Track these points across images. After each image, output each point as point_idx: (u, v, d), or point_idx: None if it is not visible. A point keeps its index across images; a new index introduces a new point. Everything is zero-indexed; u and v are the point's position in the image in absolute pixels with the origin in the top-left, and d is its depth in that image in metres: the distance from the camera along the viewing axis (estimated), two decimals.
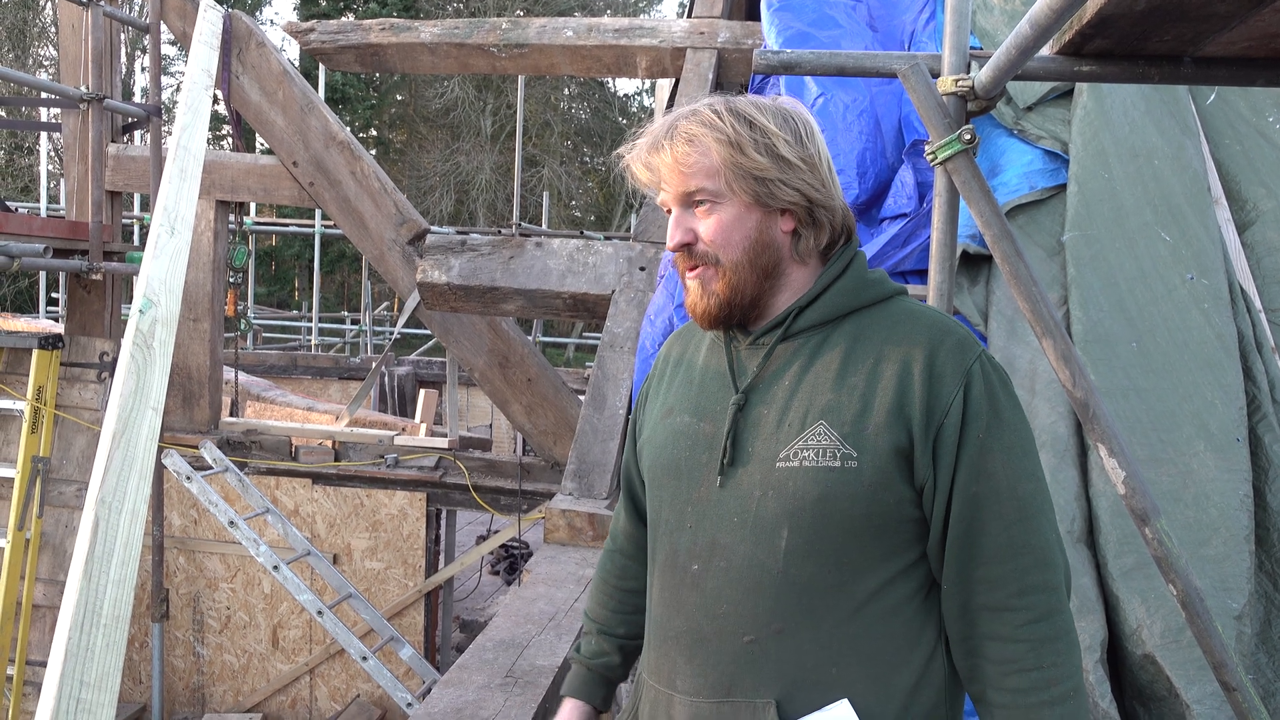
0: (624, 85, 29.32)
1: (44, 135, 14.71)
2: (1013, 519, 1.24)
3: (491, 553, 8.64)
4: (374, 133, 27.25)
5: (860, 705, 1.24)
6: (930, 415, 1.24)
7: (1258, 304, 3.23)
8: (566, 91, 27.92)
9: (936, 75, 2.06)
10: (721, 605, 1.28)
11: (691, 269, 1.34)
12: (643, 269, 4.12)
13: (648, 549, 1.44)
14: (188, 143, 3.61)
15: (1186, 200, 3.23)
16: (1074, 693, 1.23)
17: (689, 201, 1.32)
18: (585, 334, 17.93)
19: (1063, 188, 3.43)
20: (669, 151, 1.30)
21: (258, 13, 27.04)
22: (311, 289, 14.38)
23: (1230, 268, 3.21)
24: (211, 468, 5.61)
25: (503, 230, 4.65)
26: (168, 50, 22.14)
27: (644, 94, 28.69)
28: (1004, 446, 1.24)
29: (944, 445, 1.24)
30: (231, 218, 6.09)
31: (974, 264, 3.42)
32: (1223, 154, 3.49)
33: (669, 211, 1.36)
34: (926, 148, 2.03)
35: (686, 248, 1.33)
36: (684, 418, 1.38)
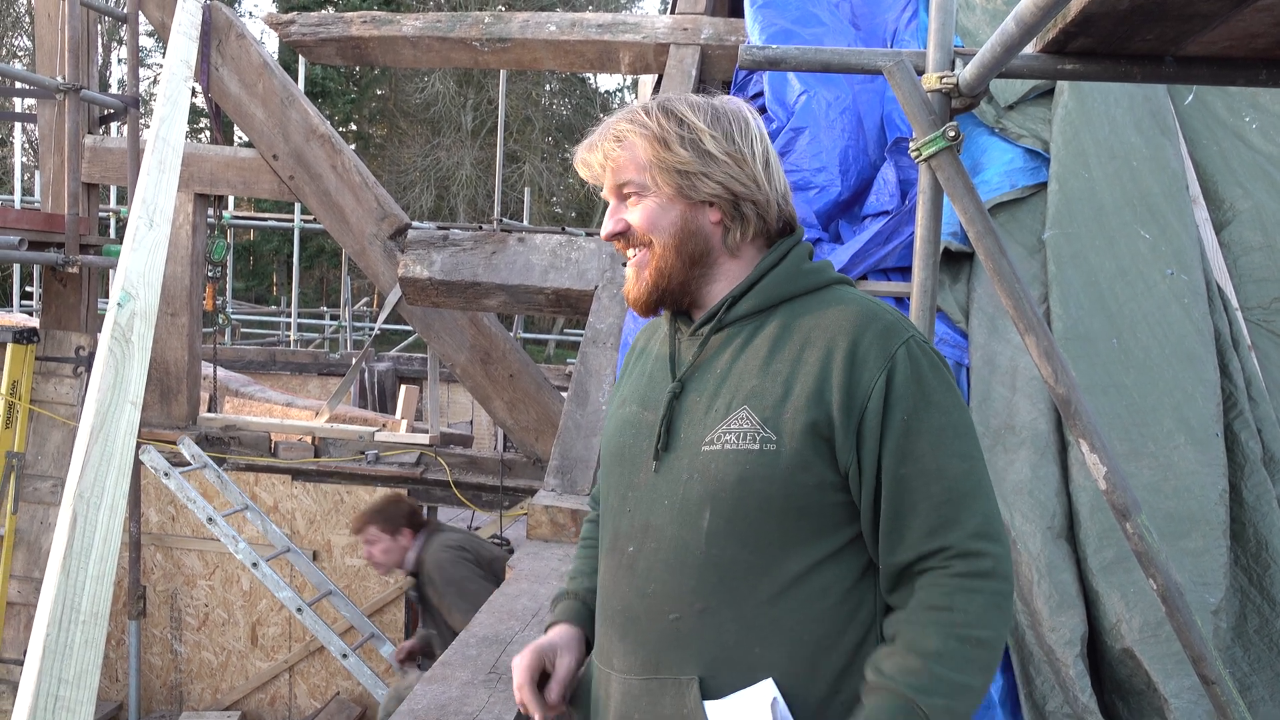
0: (605, 82, 29.28)
1: (18, 126, 14.53)
2: (941, 499, 1.24)
3: None
4: (354, 127, 27.09)
5: (785, 686, 1.25)
6: (851, 400, 1.25)
7: (1234, 302, 3.27)
8: (548, 87, 27.84)
9: (921, 72, 2.07)
10: (650, 585, 1.33)
11: (629, 255, 1.42)
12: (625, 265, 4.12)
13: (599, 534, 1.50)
14: (166, 134, 3.56)
15: (1165, 199, 3.26)
16: (980, 642, 1.22)
17: (620, 194, 1.41)
18: (566, 330, 17.91)
19: (1043, 186, 3.45)
20: (600, 149, 1.40)
21: (237, 4, 26.80)
22: (290, 284, 14.29)
23: (1208, 266, 3.25)
24: (190, 464, 5.57)
25: (484, 226, 4.63)
26: (145, 42, 21.90)
27: (626, 90, 28.66)
28: (932, 429, 1.25)
29: (867, 430, 1.25)
30: (210, 211, 6.03)
31: (955, 261, 3.44)
32: (1200, 154, 3.52)
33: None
34: (911, 144, 2.03)
35: (620, 235, 1.41)
36: (632, 407, 1.44)
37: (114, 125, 6.46)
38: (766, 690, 1.24)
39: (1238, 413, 2.97)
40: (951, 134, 1.93)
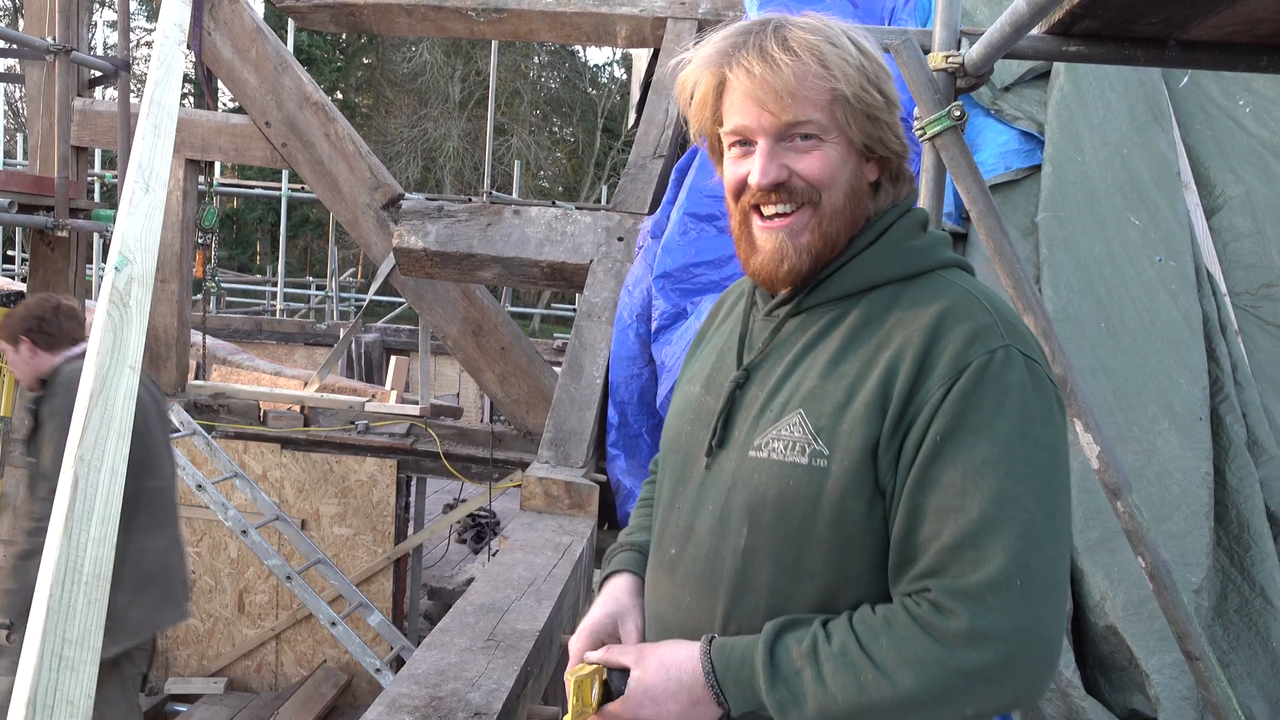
0: (595, 55, 29.11)
1: (0, 88, 14.30)
2: (950, 543, 0.99)
3: (459, 521, 8.65)
4: (340, 96, 26.82)
5: None
6: (905, 411, 1.04)
7: (1223, 288, 3.31)
8: (537, 60, 27.64)
9: (927, 51, 2.09)
10: (686, 597, 1.17)
11: (772, 214, 1.13)
12: (621, 239, 4.12)
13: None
14: (161, 98, 3.53)
15: (1156, 187, 3.30)
16: (877, 685, 0.99)
17: (787, 134, 1.11)
18: (553, 305, 17.90)
19: (1037, 168, 3.48)
20: (786, 67, 1.07)
21: None
22: (275, 253, 14.20)
23: (1198, 251, 3.29)
24: (179, 431, 5.55)
25: (473, 199, 4.62)
26: (130, 6, 21.56)
27: (615, 65, 28.48)
28: (973, 459, 1.00)
29: (908, 448, 1.03)
30: (201, 178, 5.98)
31: None
32: (1193, 139, 3.55)
33: (734, 145, 1.15)
34: (915, 123, 2.05)
35: (780, 186, 1.11)
36: (696, 388, 1.26)
37: (99, 89, 6.38)
38: None
39: (1223, 397, 3.02)
40: (957, 113, 1.95)
